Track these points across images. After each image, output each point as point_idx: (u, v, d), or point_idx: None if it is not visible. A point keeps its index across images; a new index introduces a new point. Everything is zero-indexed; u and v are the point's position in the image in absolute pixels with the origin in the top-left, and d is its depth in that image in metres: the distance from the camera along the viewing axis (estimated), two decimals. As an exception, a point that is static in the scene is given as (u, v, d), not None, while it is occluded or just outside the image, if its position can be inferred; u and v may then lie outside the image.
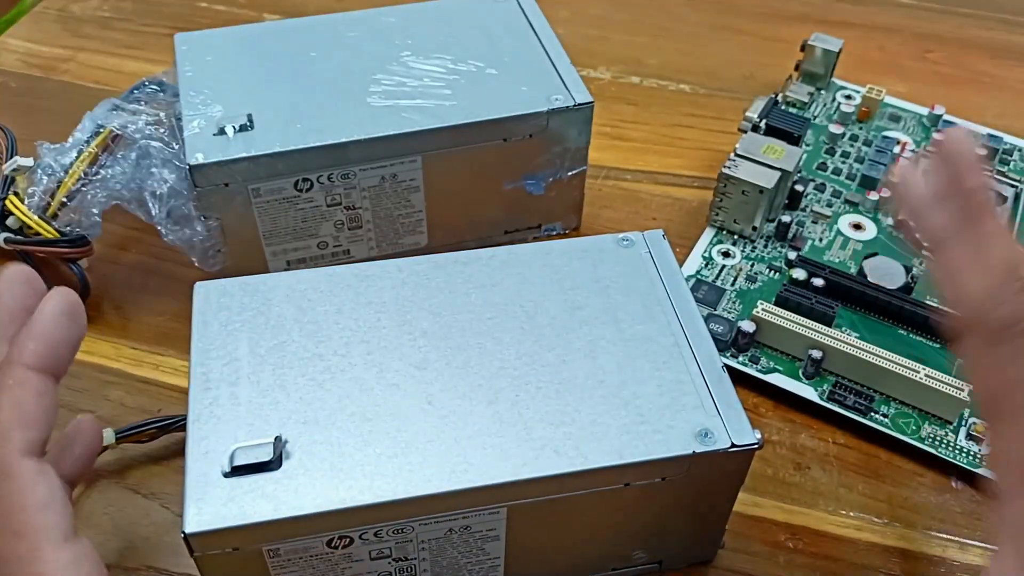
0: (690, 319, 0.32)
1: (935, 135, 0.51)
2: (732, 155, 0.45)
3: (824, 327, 0.40)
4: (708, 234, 0.46)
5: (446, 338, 0.32)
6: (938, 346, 0.41)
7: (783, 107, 0.51)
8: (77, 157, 0.41)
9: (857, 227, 0.46)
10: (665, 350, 0.31)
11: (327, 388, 0.30)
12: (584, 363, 0.31)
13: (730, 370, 0.32)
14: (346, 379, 0.30)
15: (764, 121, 0.48)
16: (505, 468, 0.28)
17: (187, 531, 0.26)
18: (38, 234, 0.40)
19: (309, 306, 0.32)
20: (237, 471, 0.27)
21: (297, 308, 0.32)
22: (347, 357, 0.31)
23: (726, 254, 0.45)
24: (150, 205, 0.39)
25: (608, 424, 0.29)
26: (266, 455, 0.28)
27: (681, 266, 0.45)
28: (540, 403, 0.30)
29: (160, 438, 0.37)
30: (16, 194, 0.41)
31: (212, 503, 0.27)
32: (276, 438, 0.28)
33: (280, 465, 0.28)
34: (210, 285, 0.33)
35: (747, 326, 0.40)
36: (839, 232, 0.46)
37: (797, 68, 0.54)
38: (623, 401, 0.30)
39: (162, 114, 0.42)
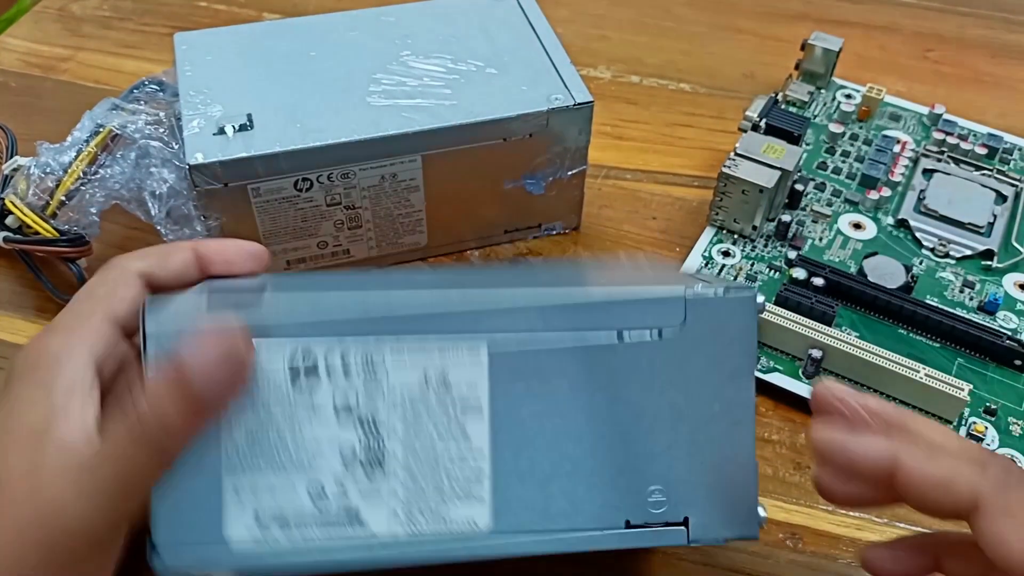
0: None
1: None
2: (732, 154, 0.45)
3: (824, 327, 0.40)
4: (708, 233, 0.46)
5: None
6: (938, 346, 0.41)
7: (783, 106, 0.51)
8: (76, 156, 0.41)
9: (857, 226, 0.46)
10: None
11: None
12: None
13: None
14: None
15: (764, 120, 0.48)
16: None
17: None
18: (37, 233, 0.40)
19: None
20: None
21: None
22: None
23: (726, 253, 0.45)
24: (149, 205, 0.39)
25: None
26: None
27: (681, 266, 0.45)
28: None
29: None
30: (15, 193, 0.41)
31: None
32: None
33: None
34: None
35: (747, 326, 0.40)
36: (839, 231, 0.46)
37: (797, 67, 0.54)
38: None
39: (161, 114, 0.42)
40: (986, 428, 0.38)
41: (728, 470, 0.28)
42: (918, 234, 0.46)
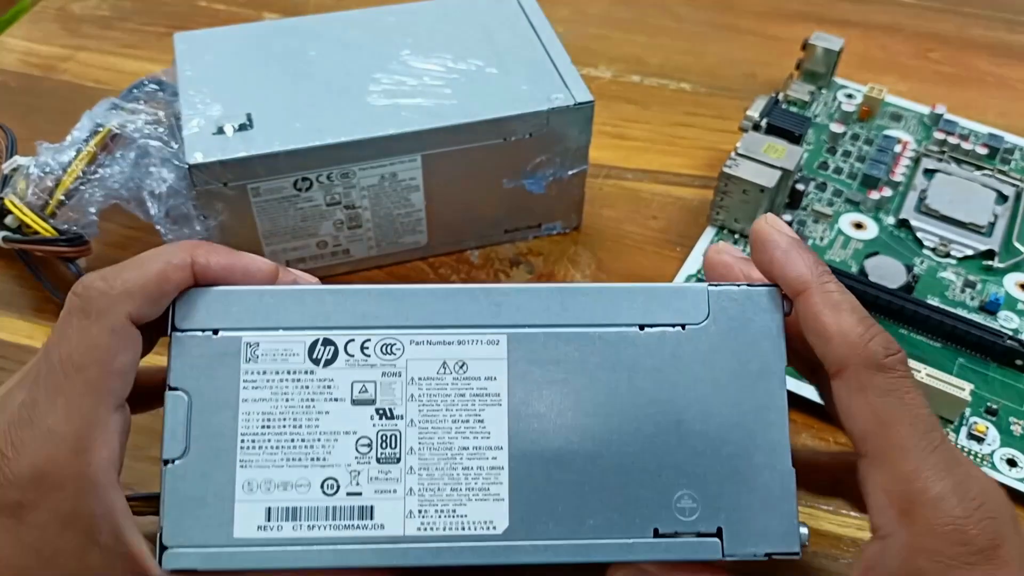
0: None
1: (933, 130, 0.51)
2: (733, 154, 0.45)
3: (825, 327, 0.39)
4: (709, 233, 0.46)
5: None
6: (939, 345, 0.41)
7: (784, 106, 0.51)
8: (75, 156, 0.41)
9: (858, 226, 0.46)
10: None
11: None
12: None
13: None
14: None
15: (765, 120, 0.48)
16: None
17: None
18: (36, 233, 0.40)
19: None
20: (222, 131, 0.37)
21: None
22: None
23: (727, 253, 0.45)
24: (149, 204, 0.39)
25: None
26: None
27: (681, 266, 0.45)
28: None
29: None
30: (15, 193, 0.41)
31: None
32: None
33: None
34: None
35: (748, 326, 0.40)
36: (840, 231, 0.46)
37: (798, 67, 0.54)
38: None
39: (161, 113, 0.41)
40: (987, 428, 0.38)
41: (763, 478, 0.27)
42: (919, 234, 0.46)
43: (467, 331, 0.27)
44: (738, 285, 0.28)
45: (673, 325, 0.27)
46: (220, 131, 0.39)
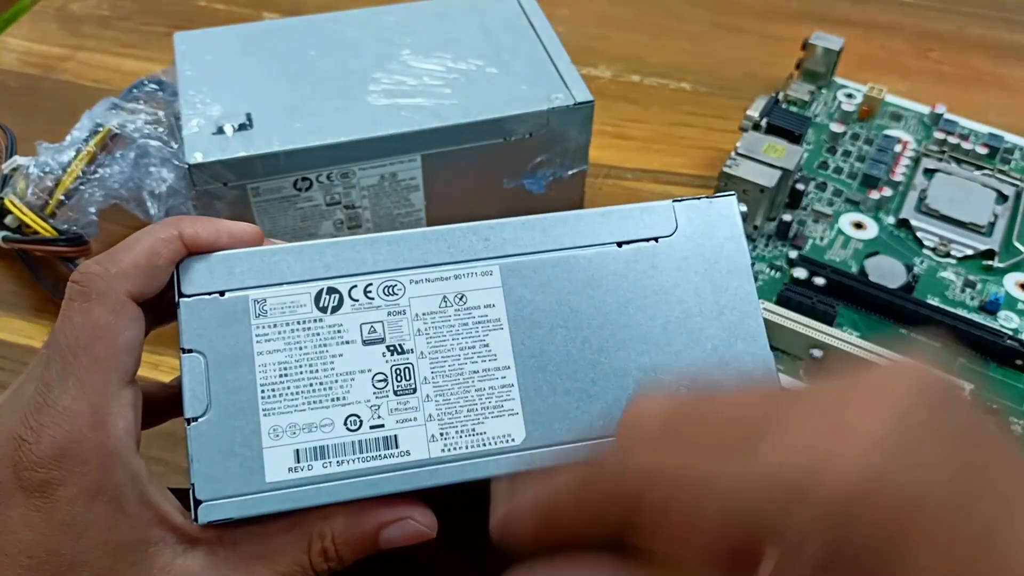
0: None
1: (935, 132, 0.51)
2: (733, 154, 0.44)
3: (825, 326, 0.39)
4: (709, 233, 0.46)
5: None
6: (939, 345, 0.41)
7: (784, 106, 0.51)
8: (75, 156, 0.41)
9: (858, 226, 0.46)
10: None
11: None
12: None
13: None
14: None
15: (765, 120, 0.48)
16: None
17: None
18: (36, 233, 0.40)
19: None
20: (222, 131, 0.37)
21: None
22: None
23: (727, 253, 0.45)
24: (148, 204, 0.39)
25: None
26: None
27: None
28: None
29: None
30: (15, 192, 0.41)
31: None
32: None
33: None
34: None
35: (748, 325, 0.40)
36: (840, 231, 0.46)
37: (798, 67, 0.54)
38: None
39: (161, 113, 0.42)
40: None
41: (745, 362, 0.29)
42: (919, 234, 0.46)
43: (462, 266, 0.29)
44: (698, 198, 0.30)
45: (647, 239, 0.30)
46: (220, 131, 0.39)
